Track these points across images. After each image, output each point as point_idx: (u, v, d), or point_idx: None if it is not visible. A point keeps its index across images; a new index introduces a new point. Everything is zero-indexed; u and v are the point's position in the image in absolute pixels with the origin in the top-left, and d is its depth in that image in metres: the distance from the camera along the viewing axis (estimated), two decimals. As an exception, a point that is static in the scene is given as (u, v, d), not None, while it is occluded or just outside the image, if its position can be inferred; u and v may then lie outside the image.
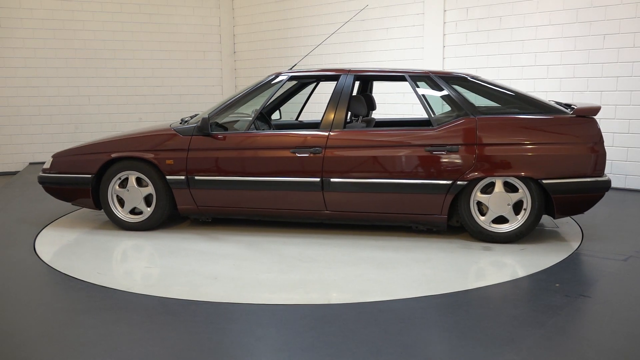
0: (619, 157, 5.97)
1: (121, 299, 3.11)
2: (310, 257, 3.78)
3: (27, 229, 4.61)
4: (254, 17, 9.51)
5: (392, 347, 2.47)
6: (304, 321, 2.78)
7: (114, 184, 4.49)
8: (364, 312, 2.91)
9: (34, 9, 8.39)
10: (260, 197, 4.32)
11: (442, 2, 7.06)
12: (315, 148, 4.12)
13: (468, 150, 3.91)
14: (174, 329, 2.73)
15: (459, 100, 4.09)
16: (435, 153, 3.96)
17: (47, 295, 3.19)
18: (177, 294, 3.15)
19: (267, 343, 2.53)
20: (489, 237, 4.01)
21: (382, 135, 4.16)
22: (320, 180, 4.12)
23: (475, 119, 3.96)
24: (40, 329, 2.72)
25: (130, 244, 4.18)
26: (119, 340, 2.58)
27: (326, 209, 4.22)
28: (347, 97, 4.25)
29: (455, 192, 3.94)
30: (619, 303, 2.96)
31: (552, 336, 2.56)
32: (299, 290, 3.19)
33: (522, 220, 3.96)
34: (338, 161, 4.10)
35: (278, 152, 4.20)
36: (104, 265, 3.70)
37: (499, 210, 3.96)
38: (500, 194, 3.94)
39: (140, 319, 2.84)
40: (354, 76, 4.32)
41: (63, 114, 8.76)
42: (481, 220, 4.00)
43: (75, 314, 2.91)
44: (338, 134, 4.15)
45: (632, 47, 5.73)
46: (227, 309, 2.94)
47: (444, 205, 3.99)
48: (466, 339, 2.54)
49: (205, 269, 3.59)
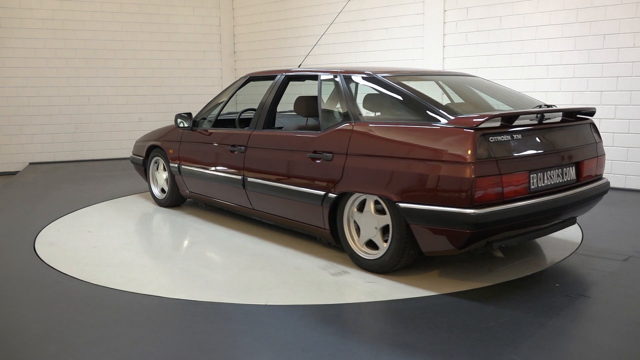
0: (619, 157, 5.97)
1: (121, 299, 3.11)
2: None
3: (27, 229, 4.61)
4: (254, 17, 9.51)
5: (392, 347, 2.47)
6: (304, 321, 2.79)
7: (151, 166, 5.52)
8: (364, 312, 2.91)
9: (34, 9, 8.40)
10: (218, 189, 4.64)
11: (442, 2, 7.06)
12: (239, 147, 4.29)
13: (339, 160, 3.46)
14: (174, 329, 2.73)
15: (347, 102, 3.66)
16: (315, 160, 3.64)
17: (47, 295, 3.19)
18: (177, 293, 3.16)
19: (267, 343, 2.53)
20: (358, 261, 3.51)
21: (279, 138, 4.00)
22: (242, 178, 4.27)
23: (353, 125, 3.48)
24: (40, 329, 2.72)
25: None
26: (119, 340, 2.58)
27: (252, 207, 4.32)
28: (272, 97, 4.23)
29: (328, 205, 3.55)
30: (619, 303, 2.96)
31: (552, 336, 2.56)
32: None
33: (385, 248, 3.32)
34: (250, 160, 4.21)
35: (220, 148, 4.52)
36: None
37: (367, 233, 3.44)
38: (369, 214, 3.40)
39: (140, 319, 2.84)
40: (284, 76, 4.25)
41: (63, 114, 8.77)
42: (354, 240, 3.53)
43: (75, 314, 2.91)
44: (255, 134, 4.23)
45: (632, 47, 5.73)
46: (227, 309, 2.94)
47: (323, 218, 3.63)
48: (466, 339, 2.54)
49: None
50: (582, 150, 3.46)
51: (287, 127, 4.41)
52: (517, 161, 3.02)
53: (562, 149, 3.31)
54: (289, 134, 3.97)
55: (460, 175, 2.85)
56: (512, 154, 3.00)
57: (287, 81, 4.25)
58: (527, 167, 3.06)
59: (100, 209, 5.38)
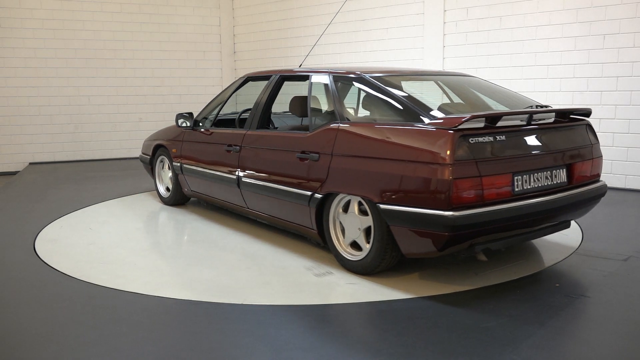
0: (619, 157, 5.97)
1: (121, 299, 3.11)
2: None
3: (27, 229, 4.61)
4: (254, 17, 9.51)
5: (392, 347, 2.47)
6: (304, 321, 2.78)
7: (157, 164, 5.58)
8: (364, 312, 2.91)
9: (34, 9, 8.40)
10: (216, 188, 4.66)
11: (442, 2, 7.06)
12: (235, 147, 4.32)
13: (325, 160, 3.46)
14: (174, 329, 2.73)
15: (334, 102, 3.64)
16: (303, 160, 3.64)
17: (47, 295, 3.19)
18: (176, 293, 3.16)
19: (267, 343, 2.53)
20: (342, 262, 3.50)
21: (271, 138, 4.03)
22: (237, 177, 4.29)
23: (338, 125, 3.48)
24: (40, 329, 2.72)
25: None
26: (119, 340, 2.58)
27: (246, 206, 4.34)
28: (266, 97, 4.25)
29: (315, 205, 3.55)
30: (619, 303, 2.96)
31: (552, 336, 2.56)
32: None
33: (368, 250, 3.31)
34: (244, 160, 4.23)
35: (218, 148, 4.55)
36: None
37: (351, 234, 3.43)
38: (353, 215, 3.39)
39: (140, 319, 2.84)
40: (279, 76, 4.26)
41: (63, 114, 8.77)
42: (339, 241, 3.52)
43: (75, 314, 2.91)
44: (249, 134, 4.25)
45: (632, 47, 5.73)
46: (227, 309, 2.94)
47: (311, 218, 3.63)
48: (466, 338, 2.54)
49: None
50: (574, 152, 3.36)
51: (281, 128, 4.46)
52: (499, 163, 2.94)
53: (551, 151, 3.22)
54: (280, 134, 4.02)
55: (438, 176, 2.81)
56: (493, 156, 2.92)
57: (281, 81, 4.27)
58: (510, 169, 2.98)
59: (108, 206, 5.47)
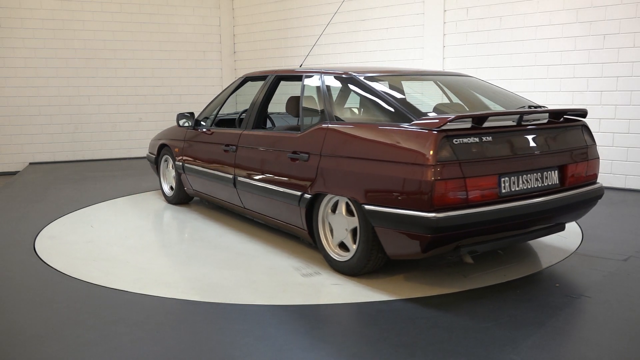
0: (619, 157, 5.97)
1: (121, 299, 3.11)
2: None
3: (27, 229, 4.61)
4: (254, 17, 9.51)
5: (392, 347, 2.47)
6: (304, 321, 2.78)
7: (162, 163, 5.65)
8: (364, 312, 2.91)
9: (34, 9, 8.40)
10: (214, 187, 4.68)
11: (442, 2, 7.06)
12: (232, 146, 4.35)
13: (314, 161, 3.45)
14: (174, 329, 2.73)
15: (324, 102, 3.62)
16: (294, 160, 3.64)
17: (47, 295, 3.19)
18: (176, 293, 3.16)
19: (267, 343, 2.53)
20: (330, 262, 3.49)
21: (265, 138, 4.03)
22: (233, 177, 4.31)
23: (327, 125, 3.46)
24: (40, 329, 2.72)
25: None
26: (119, 340, 2.58)
27: (243, 205, 4.35)
28: (262, 97, 4.26)
29: (305, 206, 3.53)
30: (619, 303, 2.96)
31: (552, 336, 2.56)
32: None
33: (354, 251, 3.29)
34: (240, 160, 4.25)
35: (217, 148, 4.57)
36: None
37: (339, 234, 3.42)
38: (340, 215, 3.38)
39: (140, 319, 2.84)
40: (274, 76, 4.27)
41: (63, 114, 8.77)
42: (328, 242, 3.51)
43: (75, 314, 2.91)
44: (245, 134, 4.27)
45: (632, 47, 5.73)
46: (227, 309, 2.94)
47: (301, 218, 3.62)
48: (466, 339, 2.54)
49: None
50: (567, 154, 3.29)
51: (275, 128, 4.50)
52: (484, 164, 2.88)
53: (542, 152, 3.15)
54: (273, 134, 4.02)
55: (421, 177, 2.77)
56: (478, 157, 2.87)
57: (277, 81, 4.28)
58: (496, 170, 2.92)
59: (113, 205, 5.52)
